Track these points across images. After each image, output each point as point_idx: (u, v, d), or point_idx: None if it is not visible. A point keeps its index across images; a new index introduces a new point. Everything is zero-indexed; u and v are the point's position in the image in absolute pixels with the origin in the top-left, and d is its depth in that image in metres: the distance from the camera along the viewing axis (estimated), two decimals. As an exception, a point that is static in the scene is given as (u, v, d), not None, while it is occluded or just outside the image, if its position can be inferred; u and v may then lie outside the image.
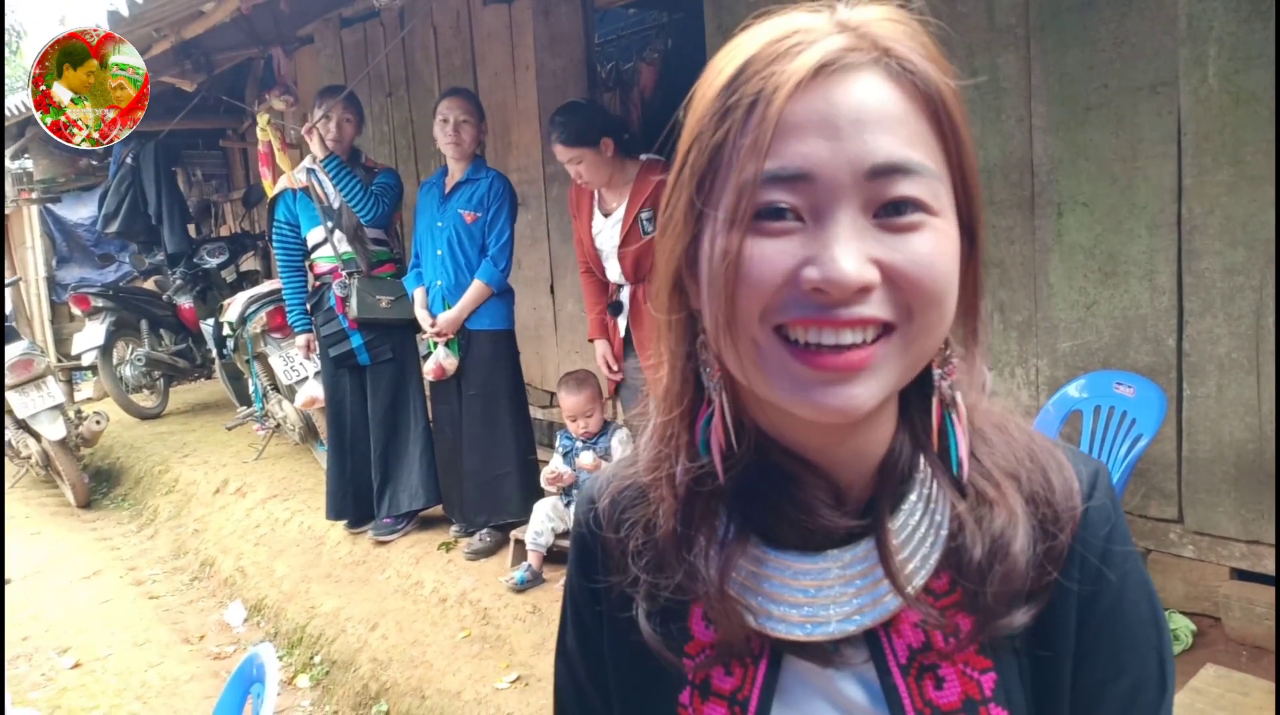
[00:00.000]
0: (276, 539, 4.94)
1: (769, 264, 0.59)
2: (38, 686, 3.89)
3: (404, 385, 4.44)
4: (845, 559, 0.67)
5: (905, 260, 0.59)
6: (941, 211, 0.61)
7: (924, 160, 0.60)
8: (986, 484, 0.67)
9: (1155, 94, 2.88)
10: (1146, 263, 2.97)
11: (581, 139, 3.49)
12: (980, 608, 0.65)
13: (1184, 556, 3.02)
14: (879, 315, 0.59)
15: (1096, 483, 0.69)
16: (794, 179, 0.59)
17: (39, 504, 6.71)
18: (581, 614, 0.82)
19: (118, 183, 7.64)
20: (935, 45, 0.64)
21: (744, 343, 0.62)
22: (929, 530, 0.67)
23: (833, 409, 0.60)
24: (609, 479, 0.81)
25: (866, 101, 0.59)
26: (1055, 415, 2.91)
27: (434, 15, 5.72)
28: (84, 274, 9.92)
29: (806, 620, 0.67)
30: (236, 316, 6.04)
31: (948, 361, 0.67)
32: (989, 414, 0.71)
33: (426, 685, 3.28)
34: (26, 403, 6.21)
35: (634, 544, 0.73)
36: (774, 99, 0.59)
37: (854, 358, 0.59)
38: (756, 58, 0.61)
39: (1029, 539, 0.65)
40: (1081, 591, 0.67)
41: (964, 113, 0.64)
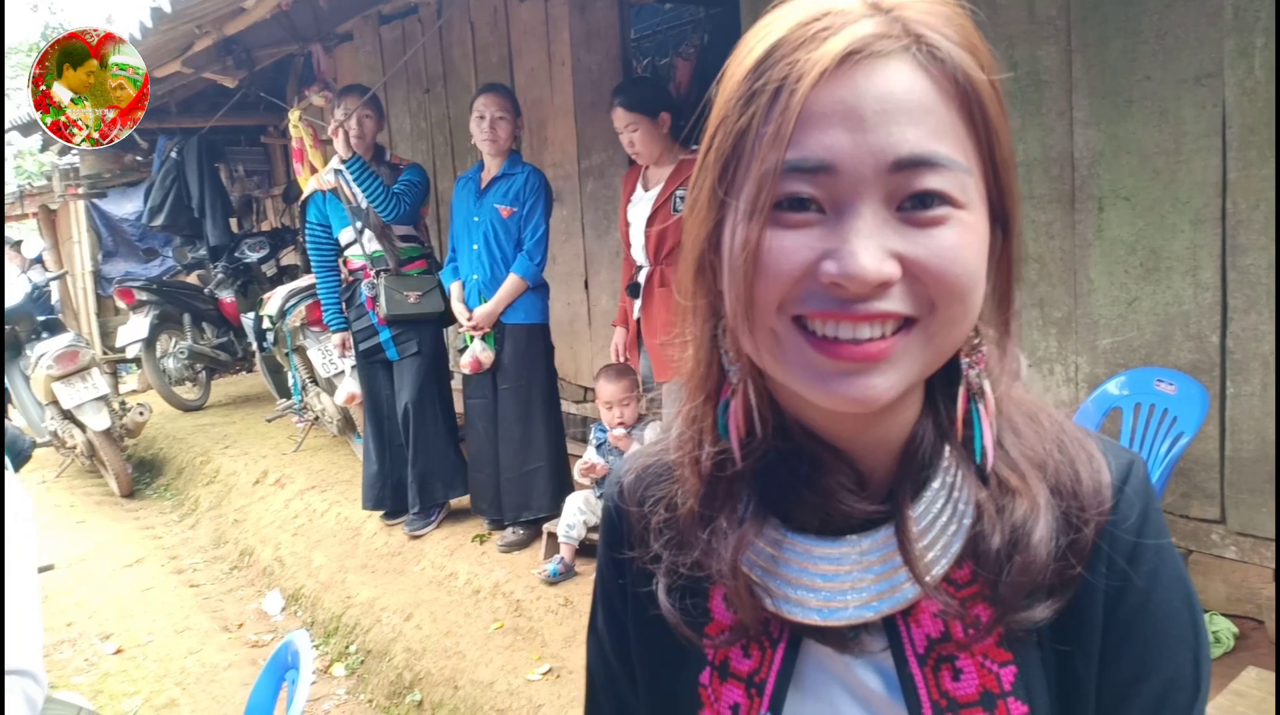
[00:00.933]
0: (314, 529, 5.00)
1: (787, 256, 0.59)
2: (81, 671, 3.97)
3: (429, 378, 4.48)
4: (864, 545, 0.66)
5: (928, 255, 0.58)
6: (969, 204, 0.60)
7: (951, 153, 0.58)
8: (1010, 473, 0.66)
9: (1199, 86, 2.83)
10: (1190, 258, 2.91)
11: (642, 106, 3.54)
12: (998, 597, 0.64)
13: (1226, 558, 2.97)
14: (899, 310, 0.59)
15: (1129, 475, 0.67)
16: (815, 170, 0.58)
17: (84, 493, 6.85)
18: (609, 590, 0.82)
19: (162, 177, 7.78)
20: (974, 29, 0.62)
21: (762, 332, 0.62)
22: (951, 519, 0.66)
23: (851, 399, 0.60)
24: (636, 455, 0.82)
25: (893, 91, 0.58)
26: (1095, 412, 2.87)
27: (471, 11, 5.75)
28: (129, 268, 10.09)
29: (823, 605, 0.66)
30: (276, 310, 6.12)
31: (976, 350, 0.66)
32: (1021, 403, 0.70)
33: (459, 676, 3.30)
34: (72, 394, 6.33)
35: (656, 520, 0.74)
36: (798, 87, 0.57)
37: (873, 349, 0.59)
38: (784, 41, 0.59)
39: (1051, 530, 0.64)
40: (1109, 587, 0.65)
41: (1001, 101, 0.62)
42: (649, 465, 0.79)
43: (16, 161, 19.39)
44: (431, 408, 4.47)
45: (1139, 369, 2.93)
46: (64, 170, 9.29)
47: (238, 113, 7.07)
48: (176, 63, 5.28)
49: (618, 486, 0.81)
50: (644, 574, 0.75)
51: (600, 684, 0.86)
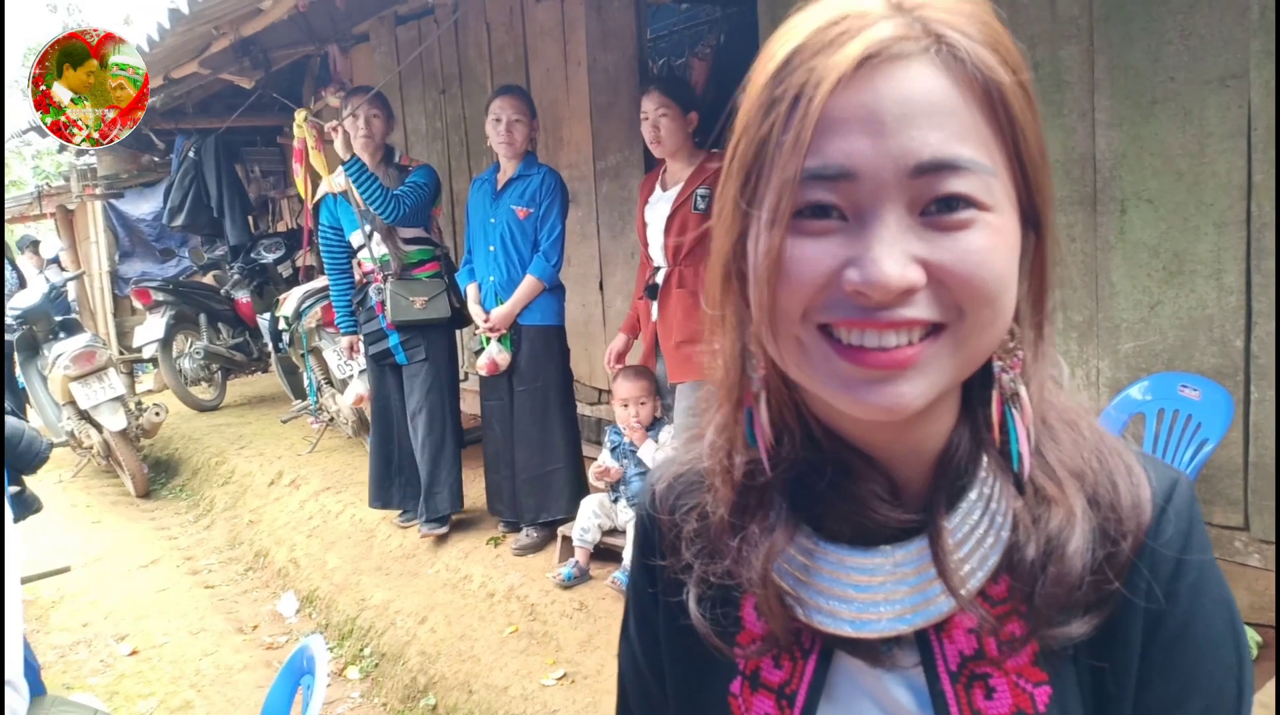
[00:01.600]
0: (329, 531, 5.00)
1: (809, 265, 0.58)
2: (96, 673, 3.98)
3: (439, 384, 4.44)
4: (898, 556, 0.65)
5: (954, 259, 0.57)
6: (995, 206, 0.58)
7: (975, 155, 0.57)
8: (1048, 481, 0.64)
9: (1224, 87, 2.79)
10: (1214, 261, 2.88)
11: (677, 97, 3.56)
12: (1032, 610, 0.63)
13: (1250, 565, 2.93)
14: (925, 316, 0.58)
15: (1174, 494, 0.65)
16: (835, 177, 0.57)
17: (100, 493, 6.88)
18: (641, 597, 0.82)
19: (181, 176, 7.81)
20: (999, 26, 0.61)
21: (787, 340, 0.61)
22: (988, 531, 0.64)
23: (880, 407, 0.59)
24: (668, 463, 0.81)
25: (913, 94, 0.56)
26: (1117, 417, 2.83)
27: (487, 12, 5.75)
28: (145, 268, 10.13)
29: (855, 616, 0.65)
30: (292, 311, 6.13)
31: (1011, 353, 0.64)
32: (1062, 409, 0.68)
33: (474, 680, 3.29)
34: (89, 394, 6.36)
35: (688, 529, 0.73)
36: (815, 94, 0.56)
37: (900, 356, 0.58)
38: (803, 47, 0.58)
39: (1087, 542, 0.62)
40: (1149, 608, 0.63)
41: (1029, 99, 0.61)
42: (681, 473, 0.78)
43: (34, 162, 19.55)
44: (440, 415, 4.42)
45: (1163, 374, 2.89)
46: (81, 170, 9.34)
47: (254, 113, 7.10)
48: (194, 63, 5.30)
49: (650, 494, 0.80)
50: (675, 582, 0.75)
51: (632, 690, 0.85)
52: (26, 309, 7.01)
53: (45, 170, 18.49)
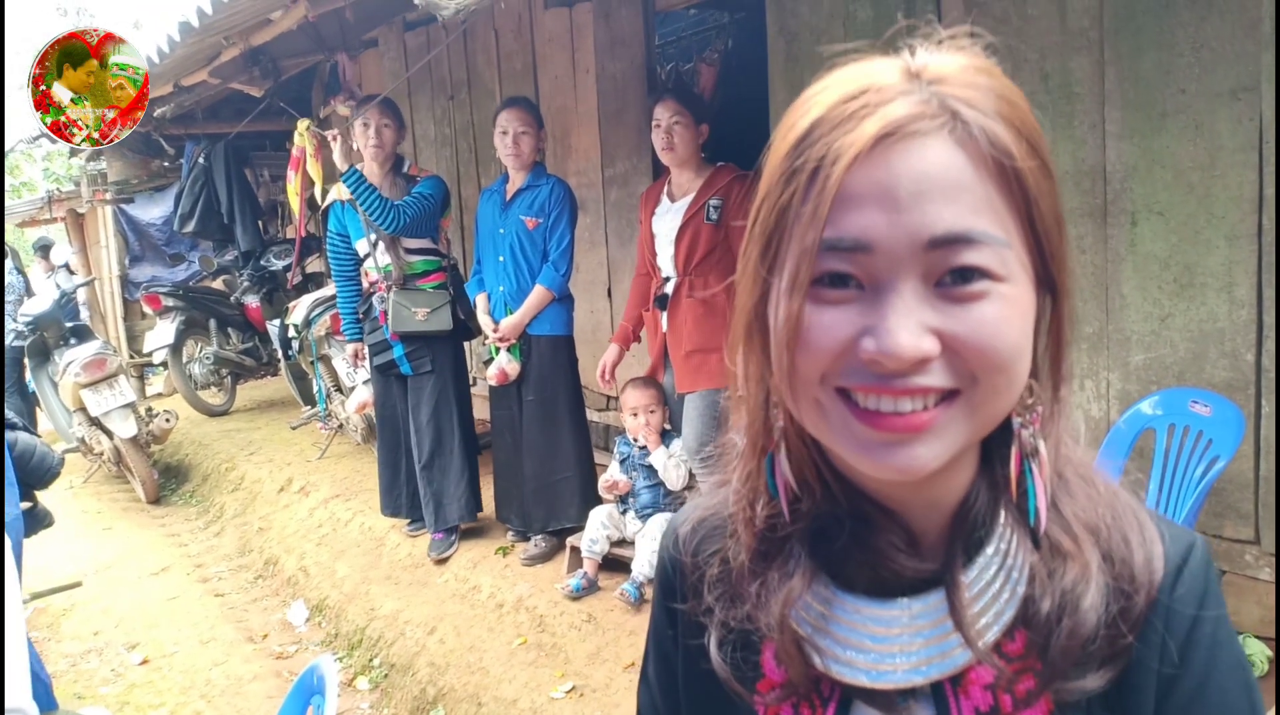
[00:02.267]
0: (338, 539, 5.01)
1: (827, 333, 0.60)
2: (107, 682, 4.00)
3: (445, 396, 4.41)
4: (915, 608, 0.66)
5: (967, 331, 0.58)
6: (1009, 277, 0.59)
7: (989, 228, 0.58)
8: (1064, 536, 0.65)
9: (1236, 100, 2.78)
10: (1225, 275, 2.86)
11: (690, 106, 3.60)
12: (1047, 663, 0.64)
13: (1260, 579, 2.91)
14: (939, 384, 0.59)
15: (1189, 558, 0.66)
16: (852, 249, 0.59)
17: (111, 499, 6.90)
18: (662, 639, 0.83)
19: (191, 182, 7.83)
20: (1017, 96, 0.62)
21: (807, 401, 0.63)
22: (1004, 586, 0.65)
23: (895, 468, 0.60)
24: (693, 507, 0.82)
25: (928, 170, 0.58)
26: (1128, 433, 2.82)
27: (496, 19, 5.75)
28: (155, 273, 10.17)
29: (871, 666, 0.66)
30: (301, 319, 6.14)
31: (1030, 410, 0.66)
32: (1079, 466, 0.69)
33: (483, 692, 3.29)
34: (100, 401, 6.38)
35: (710, 574, 0.75)
36: (833, 171, 0.58)
37: (915, 421, 0.59)
38: (823, 120, 0.60)
39: (1102, 596, 0.63)
40: (1163, 672, 0.64)
41: (1044, 169, 0.62)
42: (705, 518, 0.80)
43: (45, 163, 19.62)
44: (447, 428, 4.40)
45: (1174, 389, 2.88)
46: (92, 175, 9.38)
47: (264, 119, 7.12)
48: (203, 72, 5.32)
49: (674, 537, 0.82)
50: (696, 626, 0.76)
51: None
52: (38, 315, 7.04)
53: (56, 173, 18.56)
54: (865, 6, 3.71)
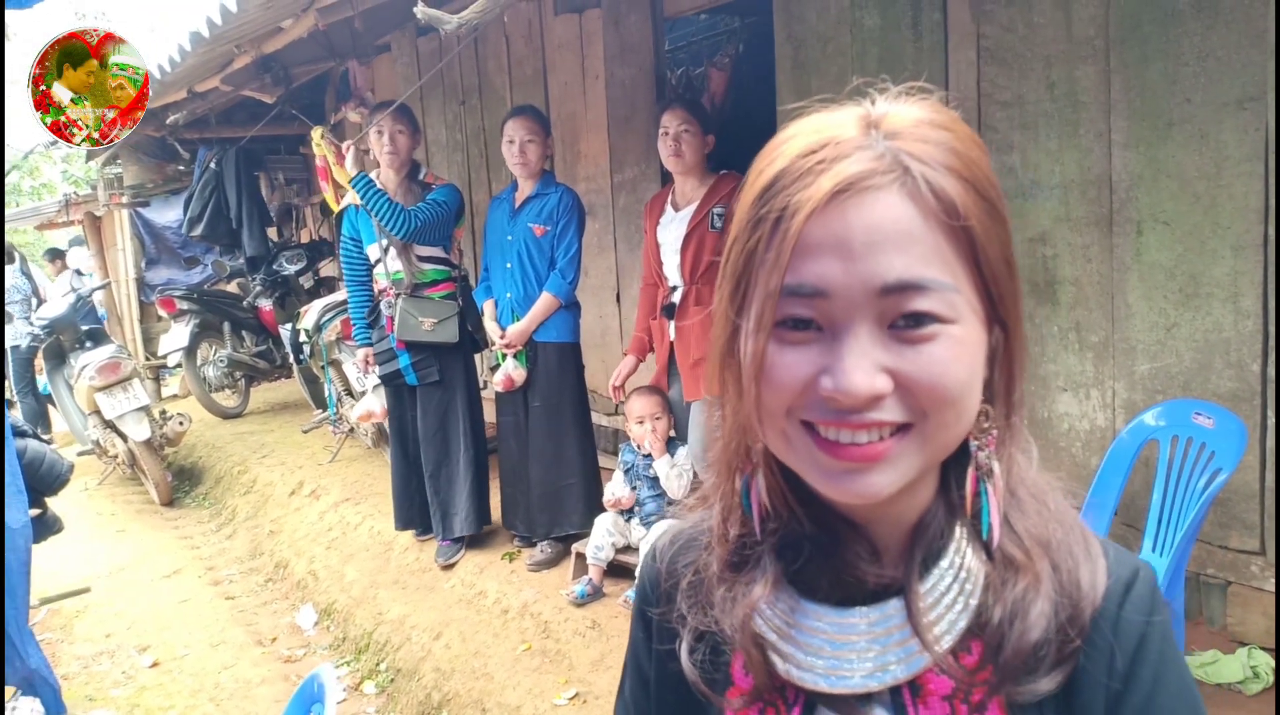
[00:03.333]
0: (347, 543, 5.04)
1: (789, 371, 0.65)
2: (118, 684, 4.03)
3: (452, 408, 4.39)
4: (873, 616, 0.70)
5: (917, 369, 0.63)
6: (959, 318, 0.64)
7: (938, 275, 0.63)
8: (1015, 549, 0.70)
9: (1242, 109, 2.76)
10: (1231, 285, 2.85)
11: (699, 115, 3.64)
12: (998, 667, 0.68)
13: (1265, 590, 2.90)
14: (892, 419, 0.64)
15: (1135, 582, 0.71)
16: (811, 295, 0.63)
17: (125, 501, 6.97)
18: (638, 650, 0.86)
19: (201, 187, 7.89)
20: (972, 145, 0.66)
21: (774, 431, 0.68)
22: (959, 595, 0.70)
23: (854, 494, 0.65)
24: (678, 524, 0.88)
25: (881, 222, 0.62)
26: (1131, 443, 2.81)
27: (506, 25, 5.77)
28: (171, 276, 10.25)
29: (830, 672, 0.70)
30: (312, 324, 6.18)
31: (986, 433, 0.70)
32: (1032, 486, 0.74)
33: (487, 698, 3.31)
34: (114, 404, 6.44)
35: (684, 582, 0.80)
36: (793, 222, 0.63)
37: (871, 451, 0.64)
38: (785, 172, 0.65)
39: (1050, 604, 0.68)
40: (1111, 687, 0.68)
41: (993, 217, 0.66)
42: (685, 530, 0.85)
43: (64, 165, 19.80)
44: (454, 440, 4.38)
45: (1177, 400, 2.87)
46: (109, 179, 9.46)
47: (277, 123, 7.17)
48: (216, 79, 5.36)
49: (654, 549, 0.87)
50: (669, 632, 0.80)
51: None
52: (54, 319, 7.11)
53: (75, 175, 18.72)
54: (872, 13, 3.71)
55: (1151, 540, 2.73)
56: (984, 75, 3.39)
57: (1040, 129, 3.25)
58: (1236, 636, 2.98)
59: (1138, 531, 2.88)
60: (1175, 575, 2.50)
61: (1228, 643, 2.95)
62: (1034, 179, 3.29)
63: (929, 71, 3.54)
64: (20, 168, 20.19)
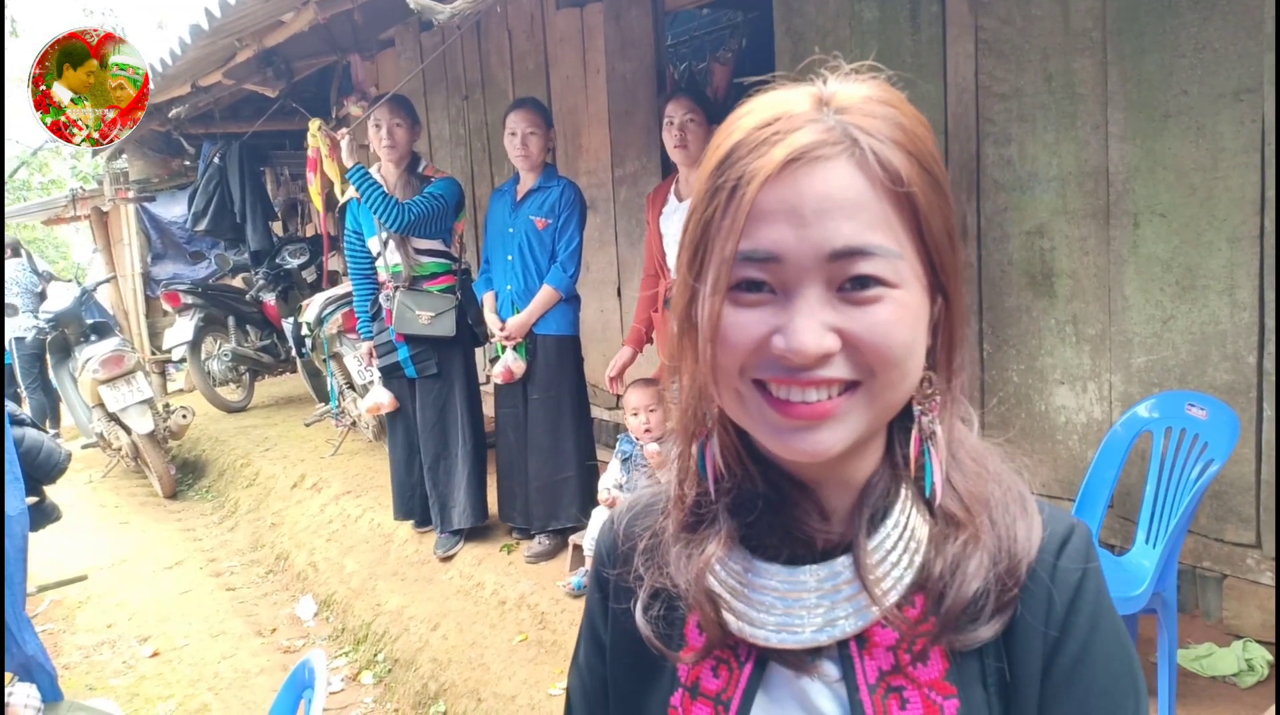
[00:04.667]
0: (347, 535, 5.06)
1: (743, 331, 0.68)
2: (119, 674, 4.06)
3: (450, 402, 4.40)
4: (822, 574, 0.74)
5: (863, 329, 0.66)
6: (902, 283, 0.67)
7: (883, 242, 0.66)
8: (956, 508, 0.74)
9: (1238, 101, 2.76)
10: (1227, 277, 2.85)
11: (703, 105, 3.67)
12: (940, 616, 0.71)
13: (1261, 583, 2.90)
14: (841, 376, 0.67)
15: (1071, 536, 0.75)
16: (765, 260, 0.67)
17: (128, 494, 7.00)
18: (594, 613, 0.90)
19: (206, 182, 7.92)
20: (917, 123, 0.70)
21: (728, 391, 0.71)
22: (904, 552, 0.73)
23: (803, 452, 0.69)
24: (640, 491, 0.92)
25: (830, 190, 0.66)
26: (1125, 436, 2.81)
27: (509, 19, 5.78)
28: (176, 270, 10.28)
29: (780, 628, 0.73)
30: (314, 317, 6.20)
31: (930, 398, 0.74)
32: (972, 449, 0.78)
33: (483, 688, 3.32)
34: (117, 397, 6.47)
35: (641, 545, 0.83)
36: (748, 189, 0.66)
37: (820, 409, 0.68)
38: (741, 144, 0.68)
39: (989, 558, 0.72)
40: (1048, 635, 0.72)
41: (935, 190, 0.69)
42: (642, 497, 0.89)
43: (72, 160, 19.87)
44: (453, 433, 4.39)
45: (1170, 392, 2.87)
46: (115, 174, 9.50)
47: (281, 118, 7.19)
48: (218, 73, 5.38)
49: (611, 515, 0.91)
50: (625, 591, 0.83)
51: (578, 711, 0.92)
52: (59, 312, 7.14)
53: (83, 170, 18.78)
54: (871, 6, 3.71)
55: (1145, 531, 2.73)
56: (982, 68, 3.38)
57: (1038, 121, 3.24)
58: (1232, 630, 2.98)
59: (1132, 524, 2.88)
60: (1167, 566, 2.50)
61: (1223, 636, 2.95)
62: (1031, 171, 3.29)
63: (927, 64, 3.54)
64: (29, 164, 20.29)
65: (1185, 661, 2.80)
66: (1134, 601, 2.46)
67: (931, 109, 3.56)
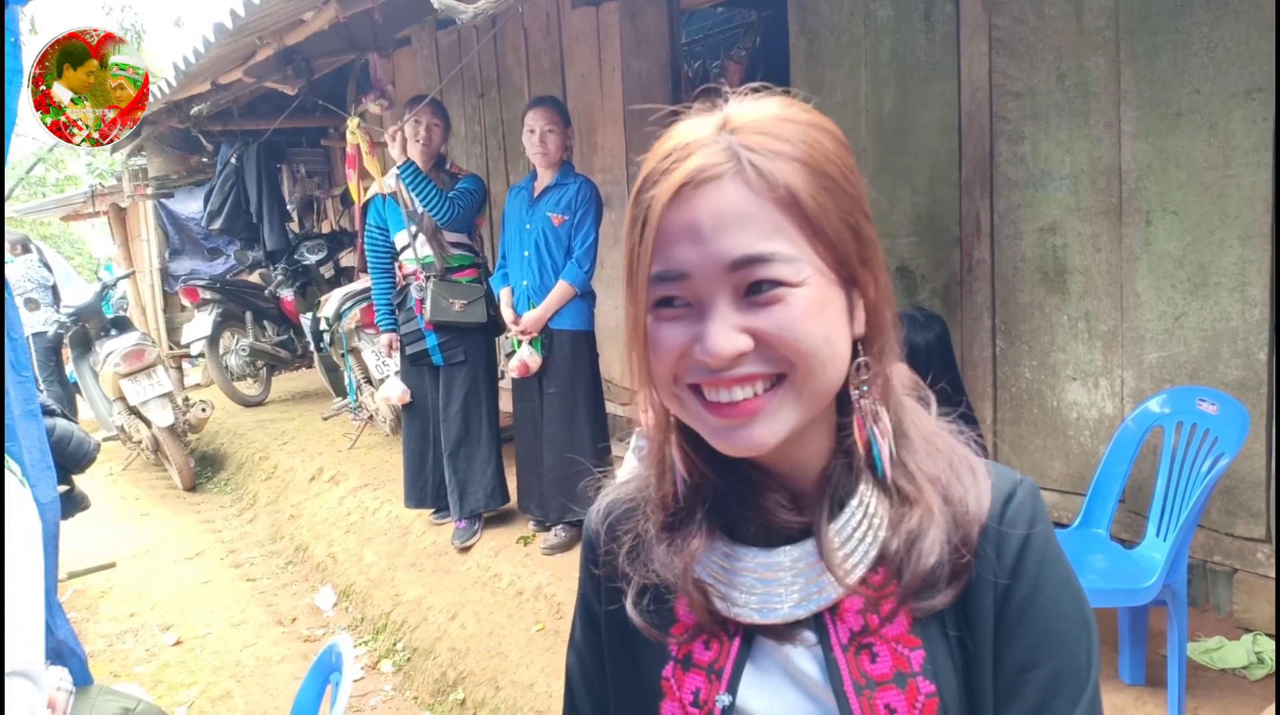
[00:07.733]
0: (366, 527, 5.12)
1: (668, 343, 0.75)
2: (142, 661, 4.13)
3: (475, 388, 4.52)
4: (795, 554, 0.81)
5: (771, 327, 0.73)
6: (804, 281, 0.73)
7: (777, 248, 0.72)
8: (909, 485, 0.80)
9: (1250, 100, 2.79)
10: (1238, 274, 2.87)
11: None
12: (901, 587, 0.78)
13: (1271, 578, 2.92)
14: (761, 371, 0.74)
15: (1015, 492, 0.81)
16: (676, 278, 0.74)
17: (149, 486, 7.08)
18: (588, 602, 0.96)
19: (222, 181, 8.00)
20: (813, 131, 0.75)
21: (669, 396, 0.79)
22: (867, 532, 0.80)
23: (742, 447, 0.76)
24: (616, 486, 0.97)
25: (723, 207, 0.72)
26: (1136, 430, 2.84)
27: (524, 18, 5.82)
28: (194, 266, 10.37)
29: (762, 606, 0.81)
30: (332, 312, 6.27)
31: (870, 382, 0.80)
32: (921, 426, 0.84)
33: (501, 676, 3.38)
34: (138, 390, 6.55)
35: (626, 547, 0.89)
36: (652, 217, 0.74)
37: (747, 407, 0.74)
38: (650, 174, 0.75)
39: (943, 531, 0.78)
40: (998, 584, 0.78)
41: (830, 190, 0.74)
42: (619, 499, 0.94)
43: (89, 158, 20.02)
44: (476, 418, 4.52)
45: (1181, 387, 2.90)
46: (134, 171, 9.59)
47: (299, 115, 7.26)
48: (238, 71, 5.44)
49: (590, 515, 0.97)
50: (614, 592, 0.90)
51: (578, 691, 0.98)
52: (79, 307, 7.22)
53: (99, 167, 18.92)
54: (885, 5, 3.74)
55: (1155, 525, 2.76)
56: (995, 66, 3.41)
57: (1051, 119, 3.27)
58: (1242, 623, 3.00)
59: (1143, 518, 2.91)
60: (1178, 559, 2.53)
61: (1233, 629, 2.97)
62: (1044, 169, 3.32)
63: (941, 63, 3.57)
64: (45, 160, 20.45)
65: (1195, 654, 2.83)
66: (1144, 593, 2.49)
67: (945, 107, 3.60)
